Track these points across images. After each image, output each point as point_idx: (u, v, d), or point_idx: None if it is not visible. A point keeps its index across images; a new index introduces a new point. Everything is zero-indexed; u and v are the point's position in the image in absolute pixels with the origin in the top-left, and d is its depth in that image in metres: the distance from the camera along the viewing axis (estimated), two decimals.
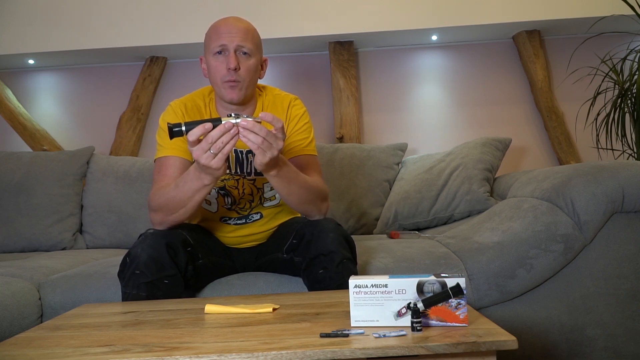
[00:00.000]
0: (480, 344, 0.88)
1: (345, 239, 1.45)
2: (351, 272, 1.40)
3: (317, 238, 1.43)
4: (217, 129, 1.25)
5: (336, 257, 1.39)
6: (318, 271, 1.40)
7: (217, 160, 1.28)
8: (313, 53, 3.26)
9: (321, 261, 1.40)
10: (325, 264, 1.39)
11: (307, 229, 1.48)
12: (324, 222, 1.47)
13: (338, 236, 1.43)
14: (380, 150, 2.59)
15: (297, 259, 1.50)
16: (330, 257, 1.39)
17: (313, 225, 1.47)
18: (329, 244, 1.40)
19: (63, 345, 0.98)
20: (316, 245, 1.42)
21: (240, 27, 1.54)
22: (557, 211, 1.66)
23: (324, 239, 1.41)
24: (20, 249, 2.43)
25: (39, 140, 3.17)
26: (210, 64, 1.55)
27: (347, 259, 1.41)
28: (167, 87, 3.27)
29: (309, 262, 1.43)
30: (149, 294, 1.37)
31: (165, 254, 1.39)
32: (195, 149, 1.27)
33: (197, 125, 1.26)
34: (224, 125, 1.25)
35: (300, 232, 1.50)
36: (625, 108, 2.65)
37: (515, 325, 1.62)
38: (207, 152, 1.27)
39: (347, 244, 1.45)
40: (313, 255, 1.42)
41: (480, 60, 3.22)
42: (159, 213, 1.48)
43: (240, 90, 1.54)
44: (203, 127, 1.25)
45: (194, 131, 1.26)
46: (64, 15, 3.03)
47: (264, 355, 0.87)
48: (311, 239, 1.44)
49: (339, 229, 1.46)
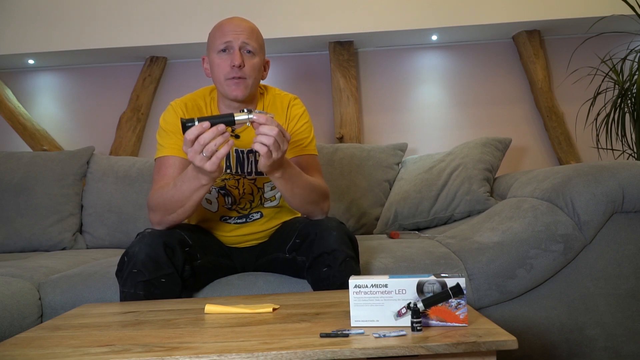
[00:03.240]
0: (480, 344, 0.88)
1: (349, 237, 1.46)
2: (354, 271, 1.41)
3: (320, 237, 1.43)
4: (209, 131, 1.23)
5: (339, 256, 1.39)
6: (322, 269, 1.40)
7: (210, 163, 1.26)
8: (313, 53, 3.26)
9: (324, 259, 1.40)
10: (329, 262, 1.39)
11: (310, 228, 1.48)
12: (326, 221, 1.48)
13: (341, 234, 1.43)
14: (380, 150, 2.59)
15: (301, 258, 1.51)
16: (333, 255, 1.39)
17: (316, 225, 1.48)
18: (332, 242, 1.41)
19: (63, 345, 0.98)
20: (319, 244, 1.42)
21: (244, 26, 1.55)
22: (557, 211, 1.66)
23: (327, 238, 1.42)
24: (20, 249, 2.43)
25: (39, 140, 3.16)
26: (214, 62, 1.55)
27: (350, 257, 1.41)
28: (167, 87, 3.27)
29: (312, 261, 1.43)
30: (146, 292, 1.37)
31: (163, 253, 1.39)
32: (189, 150, 1.26)
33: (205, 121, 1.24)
34: (216, 127, 1.23)
35: (303, 232, 1.51)
36: (625, 108, 2.65)
37: (515, 325, 1.62)
38: (200, 154, 1.25)
39: (350, 242, 1.46)
40: (316, 254, 1.42)
41: (480, 60, 3.22)
42: (157, 213, 1.47)
43: (245, 88, 1.54)
44: (201, 126, 1.24)
45: (192, 130, 1.24)
46: (64, 15, 3.03)
47: (264, 355, 0.87)
48: (314, 238, 1.44)
49: (342, 227, 1.47)
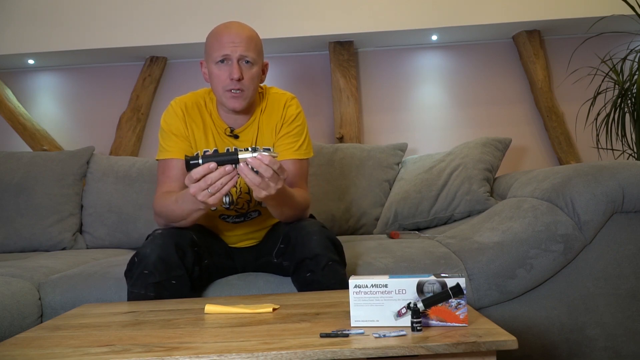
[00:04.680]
0: (480, 344, 0.88)
1: (331, 240, 1.45)
2: (338, 274, 1.40)
3: (302, 242, 1.43)
4: (217, 171, 1.27)
5: (322, 260, 1.39)
6: (305, 275, 1.41)
7: (214, 198, 1.30)
8: (313, 53, 3.26)
9: (307, 265, 1.40)
10: (312, 267, 1.39)
11: (292, 233, 1.49)
12: (307, 225, 1.48)
13: (322, 238, 1.43)
14: (380, 150, 2.59)
15: (286, 263, 1.51)
16: (315, 260, 1.39)
17: (297, 229, 1.48)
18: (314, 247, 1.40)
19: (63, 345, 0.98)
20: (302, 249, 1.42)
21: (242, 36, 1.53)
22: (557, 211, 1.66)
23: (308, 243, 1.42)
24: (20, 249, 2.43)
25: (39, 140, 3.16)
26: (213, 72, 1.55)
27: (333, 261, 1.40)
28: (167, 87, 3.27)
29: (296, 266, 1.44)
30: (156, 294, 1.38)
31: (174, 254, 1.40)
32: (192, 186, 1.29)
33: (210, 161, 1.28)
34: (224, 168, 1.27)
35: (286, 236, 1.51)
36: (625, 108, 2.65)
37: (515, 325, 1.62)
38: (204, 190, 1.28)
39: (333, 245, 1.45)
40: (299, 259, 1.42)
41: (480, 60, 3.21)
42: (161, 219, 1.54)
43: (243, 100, 1.55)
44: (207, 166, 1.27)
45: (198, 170, 1.27)
46: (64, 15, 3.03)
47: (264, 355, 0.87)
48: (296, 243, 1.45)
49: (323, 231, 1.46)
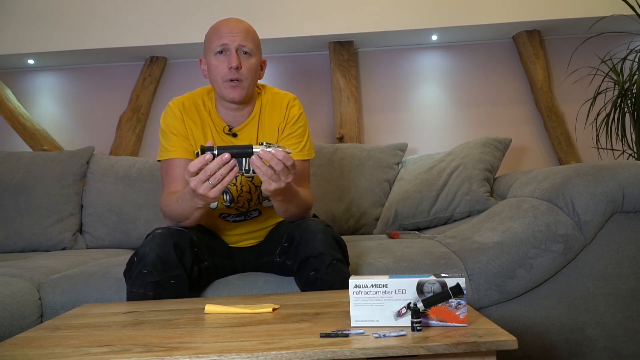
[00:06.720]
0: (480, 344, 0.88)
1: (335, 239, 1.45)
2: (342, 273, 1.40)
3: (306, 240, 1.43)
4: (215, 161, 1.27)
5: (326, 259, 1.39)
6: (309, 273, 1.41)
7: (215, 190, 1.30)
8: (313, 53, 3.26)
9: (311, 263, 1.40)
10: (316, 266, 1.39)
11: (297, 231, 1.49)
12: (312, 224, 1.48)
13: (327, 237, 1.43)
14: (380, 150, 2.59)
15: (289, 262, 1.51)
16: (320, 258, 1.39)
17: (302, 228, 1.48)
18: (318, 245, 1.41)
19: (63, 345, 0.98)
20: (305, 248, 1.42)
21: (241, 28, 1.56)
22: (557, 211, 1.66)
23: (312, 241, 1.42)
24: (20, 249, 2.43)
25: (39, 140, 3.16)
26: (211, 64, 1.56)
27: (337, 260, 1.41)
28: (167, 87, 3.27)
29: (299, 265, 1.44)
30: (155, 293, 1.38)
31: (173, 253, 1.40)
32: (192, 179, 1.29)
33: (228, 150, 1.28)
34: (221, 157, 1.27)
35: (290, 235, 1.51)
36: (625, 108, 2.65)
37: (515, 325, 1.62)
38: (205, 182, 1.29)
39: (337, 244, 1.45)
40: (303, 258, 1.42)
41: (480, 60, 3.21)
42: (167, 219, 1.57)
43: (242, 90, 1.56)
44: (203, 158, 1.27)
45: (195, 163, 1.27)
46: (64, 15, 3.03)
47: (264, 355, 0.87)
48: (300, 242, 1.45)
49: (328, 230, 1.47)
